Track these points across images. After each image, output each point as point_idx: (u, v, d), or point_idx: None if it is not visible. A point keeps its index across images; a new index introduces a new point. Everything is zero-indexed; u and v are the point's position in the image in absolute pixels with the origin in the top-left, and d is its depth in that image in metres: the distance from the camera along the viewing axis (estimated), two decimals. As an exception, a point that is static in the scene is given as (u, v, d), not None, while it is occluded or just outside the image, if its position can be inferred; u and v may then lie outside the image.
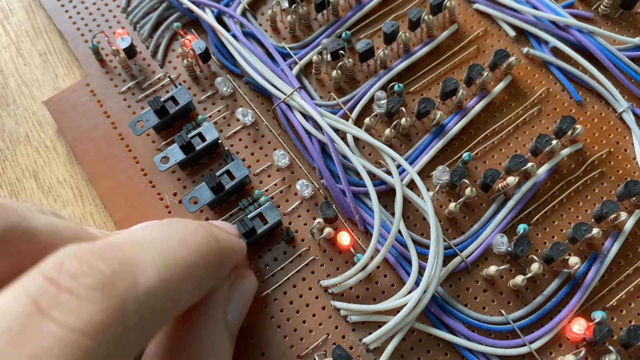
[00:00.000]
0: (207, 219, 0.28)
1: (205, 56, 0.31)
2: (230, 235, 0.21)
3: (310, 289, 0.27)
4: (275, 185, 0.29)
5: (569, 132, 0.29)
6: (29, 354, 0.11)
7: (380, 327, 0.25)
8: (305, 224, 0.28)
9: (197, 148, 0.28)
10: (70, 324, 0.12)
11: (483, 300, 0.27)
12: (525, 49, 0.32)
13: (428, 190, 0.28)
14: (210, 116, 0.31)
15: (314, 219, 0.28)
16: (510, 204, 0.28)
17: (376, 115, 0.30)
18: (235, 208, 0.28)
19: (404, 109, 0.29)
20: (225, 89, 0.31)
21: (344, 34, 0.32)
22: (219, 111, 0.31)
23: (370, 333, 0.25)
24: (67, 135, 0.31)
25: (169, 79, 0.32)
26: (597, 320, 0.25)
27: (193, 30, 0.33)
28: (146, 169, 0.30)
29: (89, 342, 0.12)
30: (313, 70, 0.32)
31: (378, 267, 0.27)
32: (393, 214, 0.28)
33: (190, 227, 0.18)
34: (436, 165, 0.29)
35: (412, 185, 0.28)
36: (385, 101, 0.30)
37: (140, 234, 0.16)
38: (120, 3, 0.34)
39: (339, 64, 0.31)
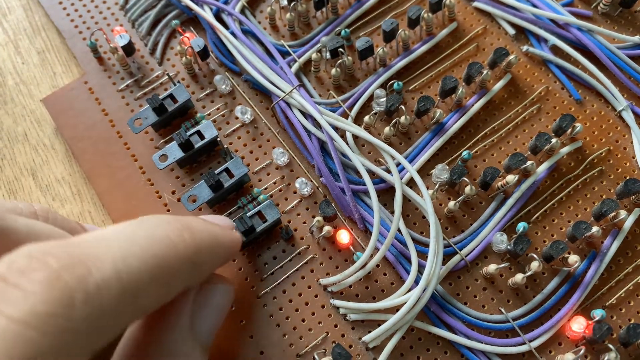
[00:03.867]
0: (206, 218, 0.28)
1: (203, 54, 0.31)
2: (214, 228, 0.19)
3: (309, 287, 0.27)
4: (275, 183, 0.29)
5: (569, 131, 0.29)
6: None
7: (379, 325, 0.25)
8: (305, 223, 0.28)
9: (196, 146, 0.28)
10: (12, 314, 0.12)
11: (483, 299, 0.27)
12: (525, 47, 0.32)
13: (427, 188, 0.28)
14: (209, 114, 0.31)
15: (313, 217, 0.28)
16: (510, 202, 0.28)
17: (375, 114, 0.30)
18: (234, 206, 0.28)
19: (403, 107, 0.29)
20: (224, 86, 0.31)
21: (343, 32, 0.32)
22: (217, 109, 0.31)
23: (369, 331, 0.25)
24: (65, 133, 0.30)
25: (167, 77, 0.31)
26: (596, 319, 0.25)
27: (192, 28, 0.33)
28: (144, 167, 0.30)
29: (32, 332, 0.12)
30: (312, 68, 0.32)
31: (377, 266, 0.27)
32: (392, 213, 0.28)
33: (163, 221, 0.17)
34: (436, 163, 0.29)
35: (411, 183, 0.28)
36: (384, 99, 0.30)
37: (105, 231, 0.16)
38: (119, 0, 0.34)
39: (338, 61, 0.31)
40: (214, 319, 0.21)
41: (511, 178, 0.28)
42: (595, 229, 0.26)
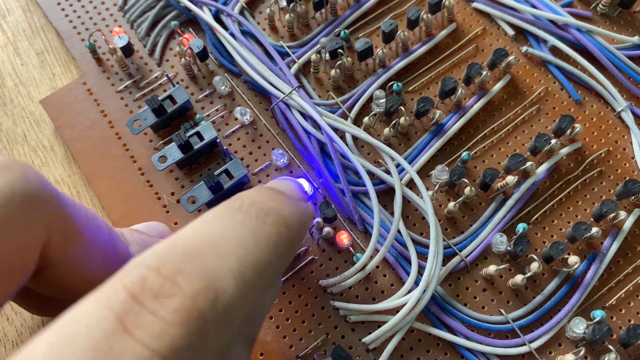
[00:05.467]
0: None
1: (203, 55, 0.31)
2: (297, 208, 0.19)
3: (309, 288, 0.27)
4: (274, 184, 0.29)
5: (568, 131, 0.29)
6: None
7: (379, 326, 0.25)
8: (304, 224, 0.28)
9: (195, 147, 0.28)
10: (155, 347, 0.12)
11: (482, 300, 0.27)
12: (524, 48, 0.32)
13: (427, 189, 0.28)
14: (208, 115, 0.31)
15: (313, 218, 0.28)
16: (510, 203, 0.28)
17: (375, 115, 0.30)
18: (234, 208, 0.28)
19: (402, 108, 0.29)
20: (223, 87, 0.31)
21: (342, 33, 0.32)
22: (217, 110, 0.31)
23: (369, 333, 0.25)
24: (64, 134, 0.30)
25: (166, 78, 0.31)
26: (596, 320, 0.25)
27: (191, 29, 0.33)
28: (144, 168, 0.30)
29: None
30: (311, 69, 0.32)
31: (377, 267, 0.27)
32: (392, 214, 0.28)
33: (261, 212, 0.17)
34: (435, 164, 0.29)
35: (411, 184, 0.28)
36: (384, 100, 0.30)
37: (214, 232, 0.16)
38: (117, 1, 0.34)
39: (338, 63, 0.31)
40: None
41: (511, 179, 0.28)
42: (594, 229, 0.26)
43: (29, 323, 0.27)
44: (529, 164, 0.28)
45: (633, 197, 0.28)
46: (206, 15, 0.32)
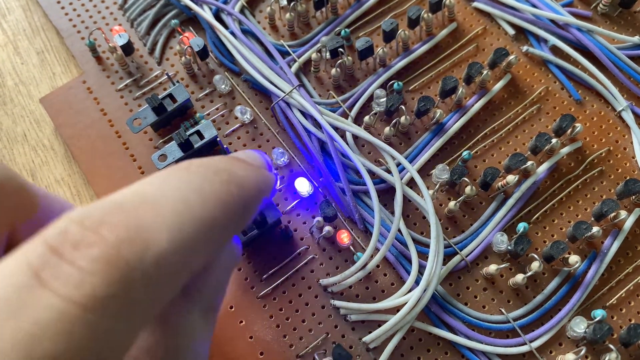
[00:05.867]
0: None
1: (203, 54, 0.31)
2: (254, 172, 0.18)
3: (309, 287, 0.27)
4: (274, 183, 0.29)
5: (569, 131, 0.29)
6: (27, 327, 0.11)
7: (380, 326, 0.25)
8: (305, 223, 0.28)
9: (196, 146, 0.28)
10: (72, 296, 0.11)
11: (483, 299, 0.27)
12: (525, 48, 0.32)
13: (428, 188, 0.28)
14: (208, 114, 0.31)
15: (314, 217, 0.28)
16: (510, 202, 0.28)
17: (375, 114, 0.30)
18: (234, 206, 0.28)
19: (403, 107, 0.29)
20: (223, 86, 0.31)
21: (343, 32, 0.32)
22: (217, 109, 0.31)
23: (370, 332, 0.25)
24: (64, 133, 0.30)
25: (166, 77, 0.31)
26: (597, 319, 0.25)
27: (191, 28, 0.33)
28: (143, 166, 0.30)
29: (91, 315, 0.12)
30: (312, 68, 0.32)
31: (378, 266, 0.27)
32: (393, 213, 0.28)
33: (209, 171, 0.16)
34: (436, 163, 0.29)
35: (411, 183, 0.28)
36: (384, 99, 0.30)
37: (152, 188, 0.15)
38: (117, 0, 0.34)
39: (338, 62, 0.31)
40: (222, 282, 0.19)
41: (511, 178, 0.28)
42: (595, 229, 0.26)
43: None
44: (529, 163, 0.28)
45: (633, 197, 0.28)
46: (206, 14, 0.32)
